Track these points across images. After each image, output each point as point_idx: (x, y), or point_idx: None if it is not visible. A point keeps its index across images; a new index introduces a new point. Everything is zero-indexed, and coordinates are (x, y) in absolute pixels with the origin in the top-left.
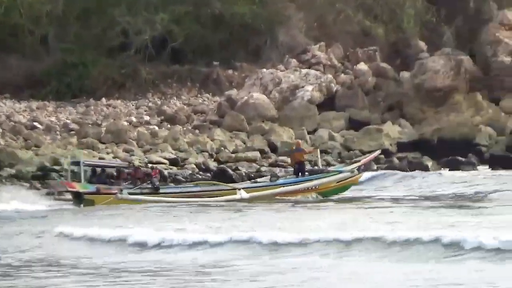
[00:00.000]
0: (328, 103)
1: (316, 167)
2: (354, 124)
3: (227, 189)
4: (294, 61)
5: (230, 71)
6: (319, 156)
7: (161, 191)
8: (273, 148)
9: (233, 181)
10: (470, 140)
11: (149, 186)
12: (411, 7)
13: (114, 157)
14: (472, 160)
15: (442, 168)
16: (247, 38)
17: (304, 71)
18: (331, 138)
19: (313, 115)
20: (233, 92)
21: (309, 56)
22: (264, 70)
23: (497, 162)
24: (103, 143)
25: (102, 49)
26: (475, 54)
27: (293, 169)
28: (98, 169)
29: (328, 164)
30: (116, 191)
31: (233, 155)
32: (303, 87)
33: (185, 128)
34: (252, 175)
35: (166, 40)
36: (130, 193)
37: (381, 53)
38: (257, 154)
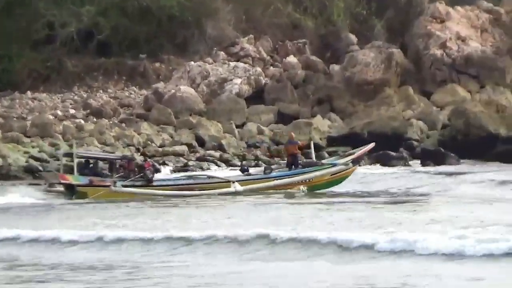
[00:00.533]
0: (256, 96)
1: (309, 160)
2: (283, 118)
3: (221, 181)
4: (222, 54)
5: (157, 64)
6: (312, 149)
7: (154, 183)
8: (201, 143)
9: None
10: (401, 134)
11: (142, 178)
12: (341, 0)
13: (39, 151)
14: (404, 155)
15: (373, 163)
16: (175, 31)
17: (232, 64)
18: (260, 132)
19: (241, 108)
20: (160, 85)
21: (238, 49)
22: (192, 63)
23: (429, 157)
24: (28, 136)
25: (27, 41)
26: (407, 47)
27: (286, 161)
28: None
29: (257, 158)
30: (109, 184)
31: (160, 149)
32: (231, 80)
33: (111, 122)
34: (239, 166)
35: (92, 32)
36: (123, 186)
37: (311, 46)
38: (184, 148)
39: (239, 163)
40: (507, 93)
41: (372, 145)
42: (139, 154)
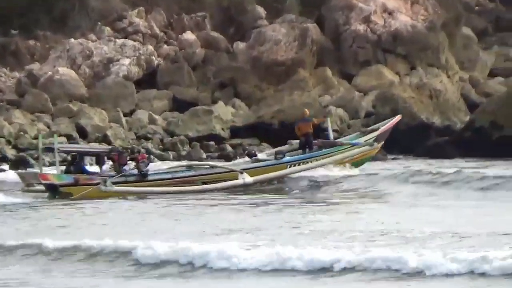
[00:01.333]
0: (148, 79)
1: (326, 140)
2: (179, 105)
3: (227, 171)
4: (107, 30)
5: (31, 42)
6: (330, 126)
7: (149, 178)
8: (83, 133)
9: None
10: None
11: (135, 172)
12: None
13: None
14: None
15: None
16: (52, 2)
17: (119, 41)
18: (152, 121)
19: (130, 94)
20: (35, 67)
21: (126, 23)
22: (72, 40)
23: None
24: None
25: None
26: (324, 21)
27: (299, 142)
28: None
29: (149, 152)
30: (98, 181)
31: (35, 141)
32: (118, 60)
33: None
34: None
35: None
36: (114, 183)
37: (212, 20)
38: (63, 140)
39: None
40: (441, 75)
41: (398, 117)
42: (10, 147)
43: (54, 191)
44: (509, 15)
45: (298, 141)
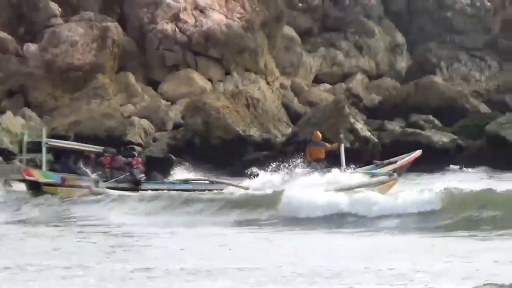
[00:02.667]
0: None
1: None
2: None
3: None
4: None
5: None
6: (343, 153)
7: (142, 186)
8: None
9: None
10: (119, 136)
11: (128, 178)
12: None
13: None
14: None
15: None
16: None
17: None
18: None
19: None
20: None
21: None
22: None
23: (155, 166)
24: None
25: None
26: (127, 19)
27: (310, 167)
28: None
29: None
30: (88, 183)
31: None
32: None
33: None
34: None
35: None
36: (108, 188)
37: None
38: None
39: None
40: (260, 81)
41: (418, 152)
42: None
43: (37, 190)
44: (336, 13)
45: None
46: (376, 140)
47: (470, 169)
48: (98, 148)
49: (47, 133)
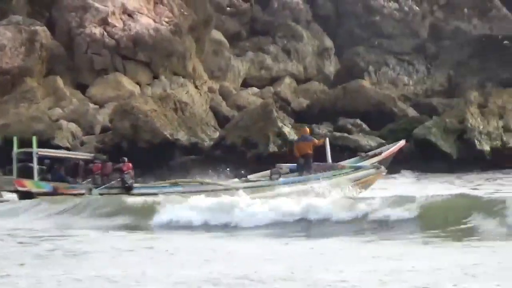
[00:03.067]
0: None
1: (324, 164)
2: None
3: (221, 189)
4: None
5: None
6: (328, 148)
7: (134, 191)
8: None
9: None
10: (47, 140)
11: (119, 184)
12: None
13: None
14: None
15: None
16: None
17: None
18: None
19: None
20: None
21: None
22: None
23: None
24: None
25: None
26: (55, 23)
27: (297, 164)
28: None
29: None
30: (81, 191)
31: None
32: None
33: None
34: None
35: None
36: (100, 194)
37: None
38: None
39: None
40: (188, 85)
41: (402, 142)
42: None
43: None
44: (265, 17)
45: (288, 165)
46: None
47: (396, 174)
48: (89, 156)
49: None
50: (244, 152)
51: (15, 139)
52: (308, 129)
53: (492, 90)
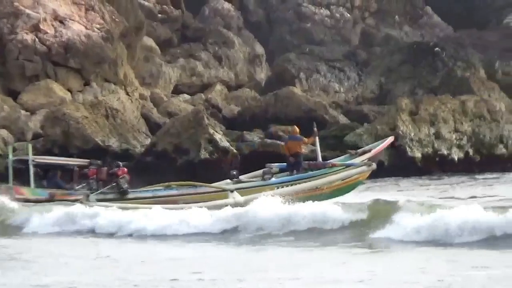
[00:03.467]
0: None
1: (314, 162)
2: None
3: (215, 191)
4: None
5: None
6: (318, 146)
7: (129, 195)
8: None
9: None
10: None
11: (114, 189)
12: None
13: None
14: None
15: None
16: None
17: None
18: None
19: None
20: None
21: None
22: None
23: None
24: None
25: None
26: None
27: (287, 163)
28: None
29: None
30: (78, 197)
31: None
32: None
33: None
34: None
35: None
36: (98, 200)
37: None
38: None
39: None
40: (119, 92)
41: (391, 138)
42: None
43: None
44: (196, 24)
45: (278, 164)
46: (235, 151)
47: None
48: (85, 161)
49: None
50: (175, 158)
51: (10, 147)
52: (297, 129)
53: (423, 97)
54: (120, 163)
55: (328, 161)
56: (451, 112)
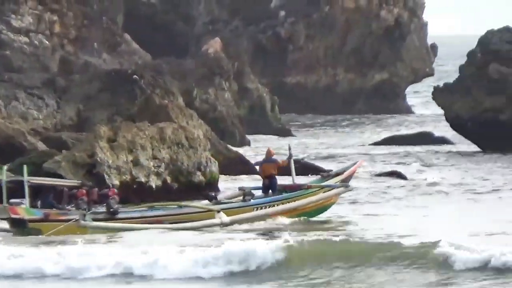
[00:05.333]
0: None
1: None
2: None
3: (201, 211)
4: None
5: None
6: (293, 168)
7: (119, 216)
8: None
9: None
10: None
11: (104, 210)
12: None
13: None
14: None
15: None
16: None
17: None
18: None
19: None
20: None
21: None
22: None
23: None
24: None
25: None
26: None
27: (262, 185)
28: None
29: None
30: (73, 217)
31: None
32: None
33: None
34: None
35: None
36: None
37: None
38: None
39: None
40: None
41: (361, 161)
42: None
43: (22, 227)
44: None
45: (251, 186)
46: None
47: None
48: (77, 182)
49: None
50: None
51: (4, 168)
52: (272, 151)
53: (122, 125)
54: (111, 184)
55: (304, 183)
56: (149, 139)
